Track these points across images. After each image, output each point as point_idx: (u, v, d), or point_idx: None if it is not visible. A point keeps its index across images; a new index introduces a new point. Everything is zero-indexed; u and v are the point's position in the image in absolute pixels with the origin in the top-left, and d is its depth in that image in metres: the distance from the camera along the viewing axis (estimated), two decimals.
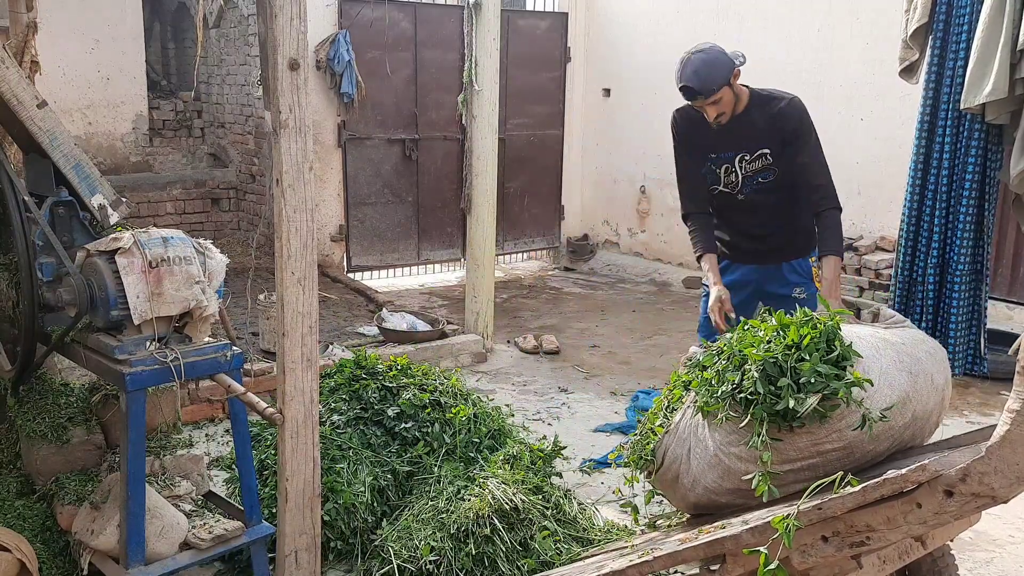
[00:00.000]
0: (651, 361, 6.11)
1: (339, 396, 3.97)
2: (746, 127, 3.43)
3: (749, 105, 3.43)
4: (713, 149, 3.52)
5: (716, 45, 3.36)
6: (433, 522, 3.17)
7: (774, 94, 3.47)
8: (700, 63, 3.28)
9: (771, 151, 3.43)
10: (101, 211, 3.10)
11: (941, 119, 4.10)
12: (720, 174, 3.55)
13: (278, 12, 2.47)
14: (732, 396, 2.42)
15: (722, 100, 3.34)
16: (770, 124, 3.40)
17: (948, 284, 4.05)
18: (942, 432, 4.67)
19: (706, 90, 3.27)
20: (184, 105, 8.88)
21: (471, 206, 5.73)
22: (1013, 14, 3.66)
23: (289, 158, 2.56)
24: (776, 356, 2.35)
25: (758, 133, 3.42)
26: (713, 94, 3.29)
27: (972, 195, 4.01)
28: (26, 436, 3.35)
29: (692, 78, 3.27)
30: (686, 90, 3.31)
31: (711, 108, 3.35)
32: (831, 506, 1.93)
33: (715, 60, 3.29)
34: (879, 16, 6.66)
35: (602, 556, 2.70)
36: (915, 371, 2.42)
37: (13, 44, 3.48)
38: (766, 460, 2.30)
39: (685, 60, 3.32)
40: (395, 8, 7.78)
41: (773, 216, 3.53)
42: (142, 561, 2.69)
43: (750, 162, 3.47)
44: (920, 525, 1.88)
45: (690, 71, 3.28)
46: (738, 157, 3.48)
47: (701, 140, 3.53)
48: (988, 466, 1.76)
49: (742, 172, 3.49)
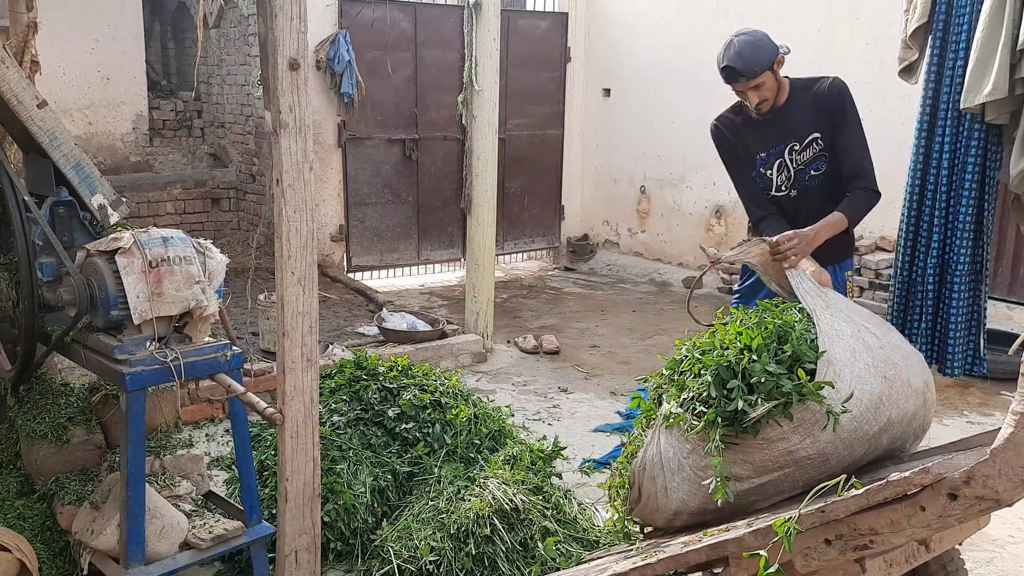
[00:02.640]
0: (651, 361, 6.10)
1: (339, 397, 3.97)
2: (791, 116, 3.32)
3: (791, 95, 3.33)
4: (761, 149, 3.40)
5: (760, 30, 3.26)
6: (433, 522, 3.17)
7: (813, 78, 3.38)
8: (744, 44, 3.18)
9: (821, 135, 3.30)
10: (101, 211, 3.10)
11: (941, 119, 4.10)
12: (771, 176, 3.40)
13: (278, 12, 2.47)
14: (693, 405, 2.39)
15: (764, 85, 3.23)
16: (815, 106, 3.29)
17: (948, 284, 4.05)
18: (942, 432, 4.68)
19: (749, 71, 3.16)
20: (184, 105, 8.88)
21: (471, 206, 5.73)
22: (1013, 14, 3.66)
23: (289, 158, 2.56)
24: (730, 360, 2.33)
25: (805, 119, 3.31)
26: (756, 76, 3.18)
27: (972, 195, 4.01)
28: (26, 436, 3.35)
29: (735, 59, 3.16)
30: (728, 71, 3.19)
31: (753, 93, 3.24)
32: (834, 509, 1.92)
33: (759, 42, 3.20)
34: (879, 16, 6.66)
35: (606, 559, 2.70)
36: (890, 376, 2.40)
37: (13, 44, 3.48)
38: (716, 465, 2.29)
39: (728, 42, 3.21)
40: (395, 8, 7.78)
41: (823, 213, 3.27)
42: (142, 561, 2.69)
43: (800, 152, 3.34)
44: (924, 528, 1.87)
45: (733, 52, 3.18)
46: (787, 148, 3.35)
47: (747, 143, 3.42)
48: (992, 469, 1.74)
49: (794, 166, 3.36)
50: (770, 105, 3.30)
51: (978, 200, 4.02)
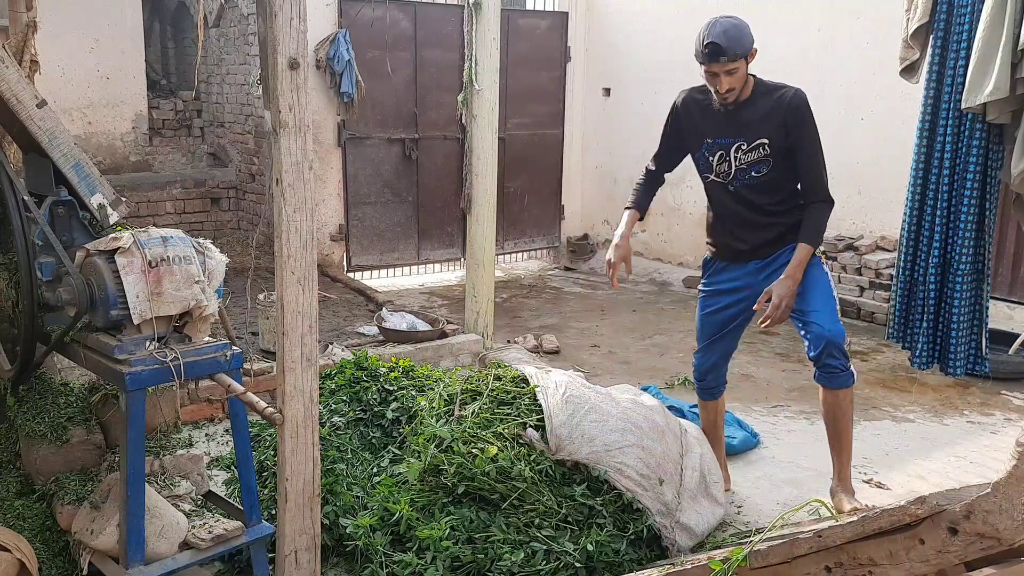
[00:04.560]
0: (651, 361, 6.10)
1: (339, 397, 3.97)
2: (748, 114, 3.40)
3: (753, 93, 3.41)
4: (711, 134, 3.49)
5: (740, 18, 3.36)
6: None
7: (777, 84, 3.46)
8: (730, 25, 3.27)
9: (769, 142, 3.39)
10: (101, 211, 3.10)
11: (942, 119, 4.09)
12: (713, 162, 3.53)
13: (278, 11, 2.46)
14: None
15: (738, 72, 3.30)
16: (771, 114, 3.37)
17: (950, 283, 4.05)
18: (942, 432, 4.68)
19: (731, 52, 3.23)
20: (184, 104, 8.88)
21: (471, 206, 5.73)
22: (1014, 13, 3.66)
23: (289, 158, 2.55)
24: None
25: (759, 121, 3.39)
26: (736, 59, 3.26)
27: (973, 195, 4.00)
28: (26, 436, 3.35)
29: (721, 36, 3.23)
30: (712, 47, 3.24)
31: (727, 78, 3.30)
32: (831, 535, 1.89)
33: (743, 27, 3.30)
34: (879, 16, 6.66)
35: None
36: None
37: (13, 43, 3.48)
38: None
39: (712, 22, 3.29)
40: (395, 7, 7.77)
41: (764, 210, 3.50)
42: (142, 561, 2.68)
43: (746, 152, 3.43)
44: (923, 563, 1.79)
45: (719, 30, 3.25)
46: (735, 145, 3.45)
47: (700, 122, 3.52)
48: (994, 504, 1.65)
49: (736, 163, 3.47)
50: (735, 96, 3.36)
51: (980, 199, 4.02)
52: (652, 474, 3.35)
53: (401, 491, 3.26)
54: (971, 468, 4.29)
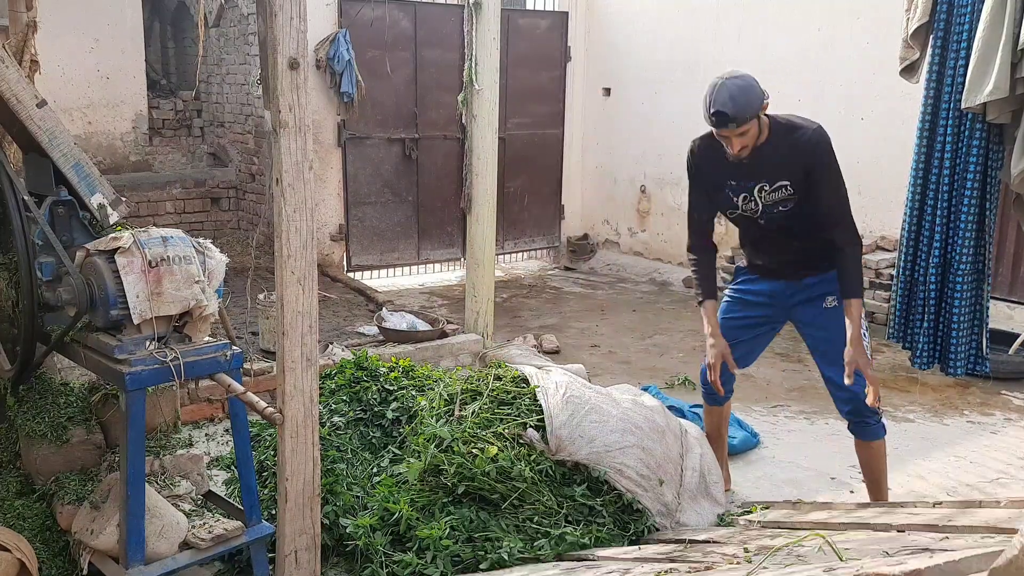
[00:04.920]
0: (651, 361, 6.10)
1: (339, 397, 3.97)
2: (766, 157, 3.28)
3: (770, 135, 3.28)
4: (733, 178, 3.38)
5: (747, 73, 3.20)
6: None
7: (795, 123, 3.31)
8: (736, 89, 3.11)
9: (791, 183, 3.29)
10: (101, 210, 3.09)
11: (942, 118, 4.09)
12: (739, 202, 3.42)
13: (278, 11, 2.46)
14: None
15: (749, 132, 3.19)
16: (791, 154, 3.26)
17: (950, 283, 4.04)
18: (942, 432, 4.68)
19: (740, 118, 3.11)
20: (184, 104, 8.88)
21: (471, 206, 5.72)
22: (1014, 13, 3.65)
23: (289, 157, 2.55)
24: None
25: (778, 164, 3.28)
26: (746, 123, 3.14)
27: (974, 195, 4.00)
28: (26, 436, 3.35)
29: (728, 103, 3.09)
30: (718, 115, 3.12)
31: (738, 140, 3.19)
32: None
33: (750, 87, 3.14)
34: (879, 16, 6.66)
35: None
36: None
37: (13, 43, 3.48)
38: None
39: (718, 85, 3.13)
40: (395, 7, 7.77)
41: (795, 238, 3.42)
42: (142, 561, 2.68)
43: (770, 192, 3.33)
44: None
45: (725, 96, 3.10)
46: (758, 187, 3.34)
47: (719, 170, 3.39)
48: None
49: (762, 201, 3.36)
50: (750, 150, 3.25)
51: (980, 199, 4.01)
52: (652, 475, 3.35)
53: (401, 491, 3.26)
54: (971, 468, 4.29)
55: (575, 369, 4.58)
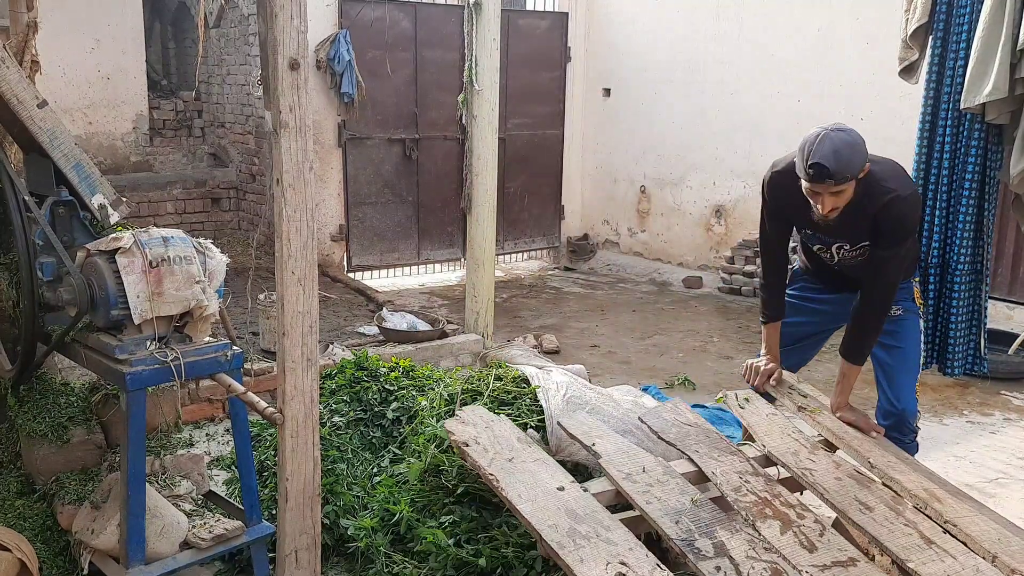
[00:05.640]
0: (651, 361, 6.10)
1: (340, 397, 3.98)
2: (848, 223, 3.03)
3: (861, 195, 2.98)
4: (809, 227, 3.18)
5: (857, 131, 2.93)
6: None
7: (888, 186, 3.00)
8: (842, 144, 2.83)
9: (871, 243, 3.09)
10: (101, 211, 3.10)
11: (941, 119, 4.09)
12: (813, 247, 3.31)
13: (278, 12, 2.47)
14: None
15: (844, 193, 2.92)
16: (872, 224, 3.03)
17: (948, 283, 4.04)
18: (942, 432, 4.68)
19: (840, 175, 2.84)
20: (184, 105, 8.88)
21: (471, 206, 5.73)
22: (1013, 13, 3.65)
23: (289, 158, 2.56)
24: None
25: (859, 230, 3.06)
26: (846, 182, 2.88)
27: (972, 195, 4.00)
28: (26, 436, 3.35)
29: (831, 157, 2.81)
30: (817, 168, 2.83)
31: (831, 199, 2.92)
32: None
33: (857, 145, 2.87)
34: (879, 16, 6.66)
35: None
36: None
37: (13, 44, 3.48)
38: None
39: (821, 136, 2.85)
40: (395, 8, 7.78)
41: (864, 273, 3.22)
42: (142, 561, 2.69)
43: (849, 251, 3.18)
44: None
45: (829, 149, 2.82)
46: (836, 244, 3.18)
47: (796, 209, 3.13)
48: None
49: (839, 256, 3.21)
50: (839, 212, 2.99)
51: (978, 200, 4.01)
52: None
53: (401, 491, 3.27)
54: (970, 468, 4.29)
55: (575, 369, 4.59)
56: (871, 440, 3.12)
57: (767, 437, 3.09)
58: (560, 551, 2.34)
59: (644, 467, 2.79)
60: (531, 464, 2.76)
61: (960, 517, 2.67)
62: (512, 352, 5.47)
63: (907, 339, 3.29)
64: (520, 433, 2.94)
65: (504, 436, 2.90)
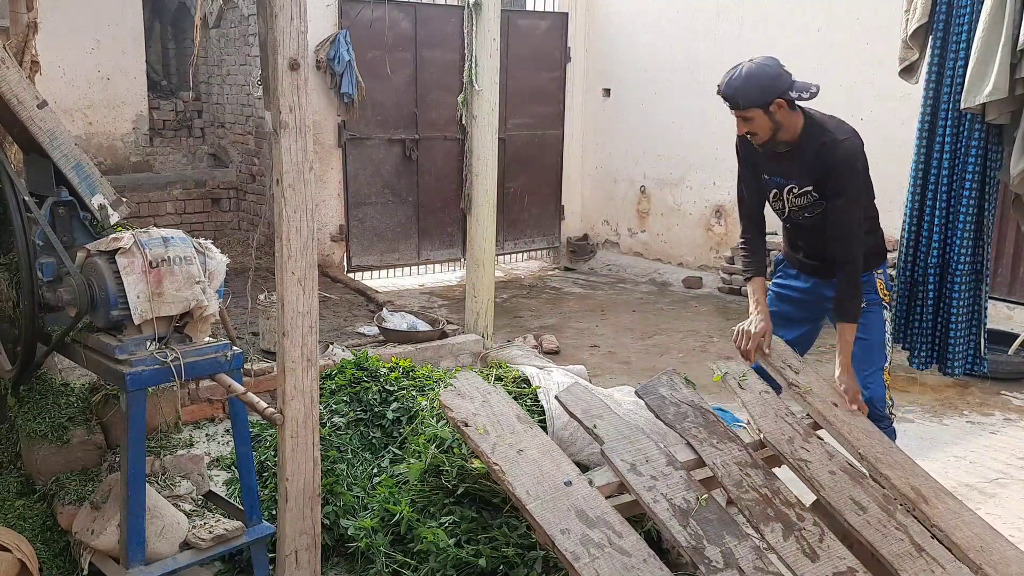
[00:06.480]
0: (651, 361, 6.11)
1: (340, 398, 3.98)
2: (796, 162, 3.23)
3: (804, 136, 3.19)
4: (767, 171, 3.36)
5: (775, 63, 3.11)
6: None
7: (827, 127, 3.21)
8: (745, 73, 3.07)
9: (814, 188, 3.23)
10: (101, 211, 3.10)
11: (941, 119, 4.09)
12: (770, 198, 3.42)
13: (278, 12, 2.47)
14: None
15: (753, 121, 3.12)
16: (816, 162, 3.19)
17: (948, 284, 4.04)
18: (942, 432, 4.68)
19: (734, 102, 3.09)
20: (184, 105, 8.88)
21: (471, 206, 5.73)
22: (1014, 14, 3.65)
23: (289, 158, 2.56)
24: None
25: (805, 168, 3.21)
26: (741, 109, 3.10)
27: (972, 195, 4.00)
28: (26, 436, 3.35)
29: (727, 85, 3.10)
30: (721, 93, 3.14)
31: (742, 124, 3.17)
32: None
33: (760, 77, 3.06)
34: (879, 16, 6.67)
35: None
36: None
37: (13, 44, 3.48)
38: None
39: (734, 67, 3.13)
40: (395, 8, 7.78)
41: (822, 240, 3.36)
42: (142, 561, 2.69)
43: (796, 196, 3.30)
44: None
45: (730, 77, 3.10)
46: (787, 187, 3.32)
47: (757, 160, 3.37)
48: None
49: (789, 204, 3.35)
50: (763, 140, 3.19)
51: (978, 200, 4.01)
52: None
53: (401, 491, 3.27)
54: (970, 468, 4.29)
55: (576, 370, 4.59)
56: (858, 426, 3.15)
57: (762, 420, 3.12)
58: (576, 563, 2.36)
59: (647, 457, 2.78)
60: (536, 454, 2.75)
61: (945, 521, 2.75)
62: (512, 352, 5.47)
63: (872, 331, 3.37)
64: (519, 410, 2.92)
65: (504, 414, 2.87)
